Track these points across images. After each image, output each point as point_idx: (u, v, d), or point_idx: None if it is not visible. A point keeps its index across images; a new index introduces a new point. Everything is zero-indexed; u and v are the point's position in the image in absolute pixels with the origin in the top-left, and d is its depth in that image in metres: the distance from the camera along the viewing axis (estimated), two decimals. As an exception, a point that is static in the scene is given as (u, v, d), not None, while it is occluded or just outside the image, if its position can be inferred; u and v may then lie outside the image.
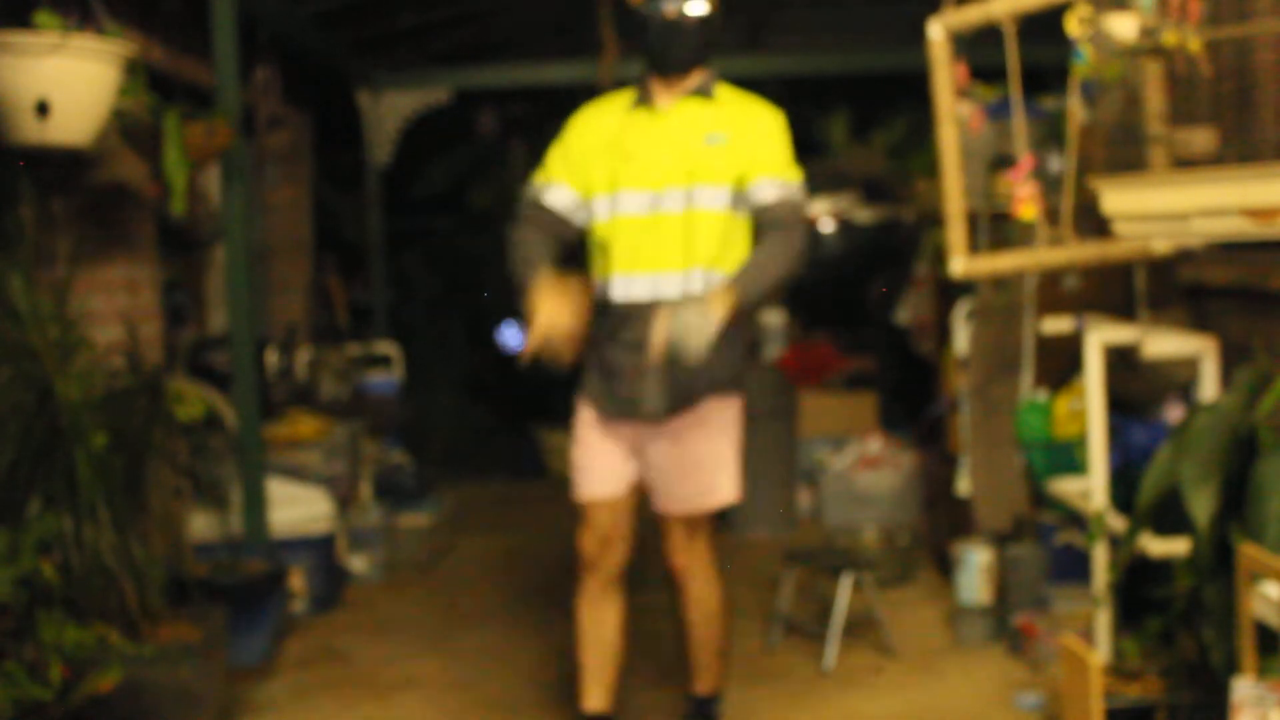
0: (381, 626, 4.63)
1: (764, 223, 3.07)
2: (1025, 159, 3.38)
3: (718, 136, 3.09)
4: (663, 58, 3.08)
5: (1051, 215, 3.43)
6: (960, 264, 3.51)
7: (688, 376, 3.05)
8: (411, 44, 6.68)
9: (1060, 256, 3.43)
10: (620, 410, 3.15)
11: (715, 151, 3.07)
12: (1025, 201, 3.35)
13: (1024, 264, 3.55)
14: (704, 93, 3.13)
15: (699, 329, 2.82)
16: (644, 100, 3.16)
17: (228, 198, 4.45)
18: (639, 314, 3.07)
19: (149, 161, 3.88)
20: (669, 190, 3.08)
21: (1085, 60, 3.18)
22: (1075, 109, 3.43)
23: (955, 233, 3.51)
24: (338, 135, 7.34)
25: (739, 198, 3.09)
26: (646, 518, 3.30)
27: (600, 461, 3.21)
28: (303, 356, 5.89)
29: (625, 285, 3.11)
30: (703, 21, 3.07)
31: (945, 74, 3.47)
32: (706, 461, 3.18)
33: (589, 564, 3.24)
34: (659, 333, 2.86)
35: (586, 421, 3.24)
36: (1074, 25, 3.15)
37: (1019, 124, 3.43)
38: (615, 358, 3.13)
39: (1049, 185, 3.76)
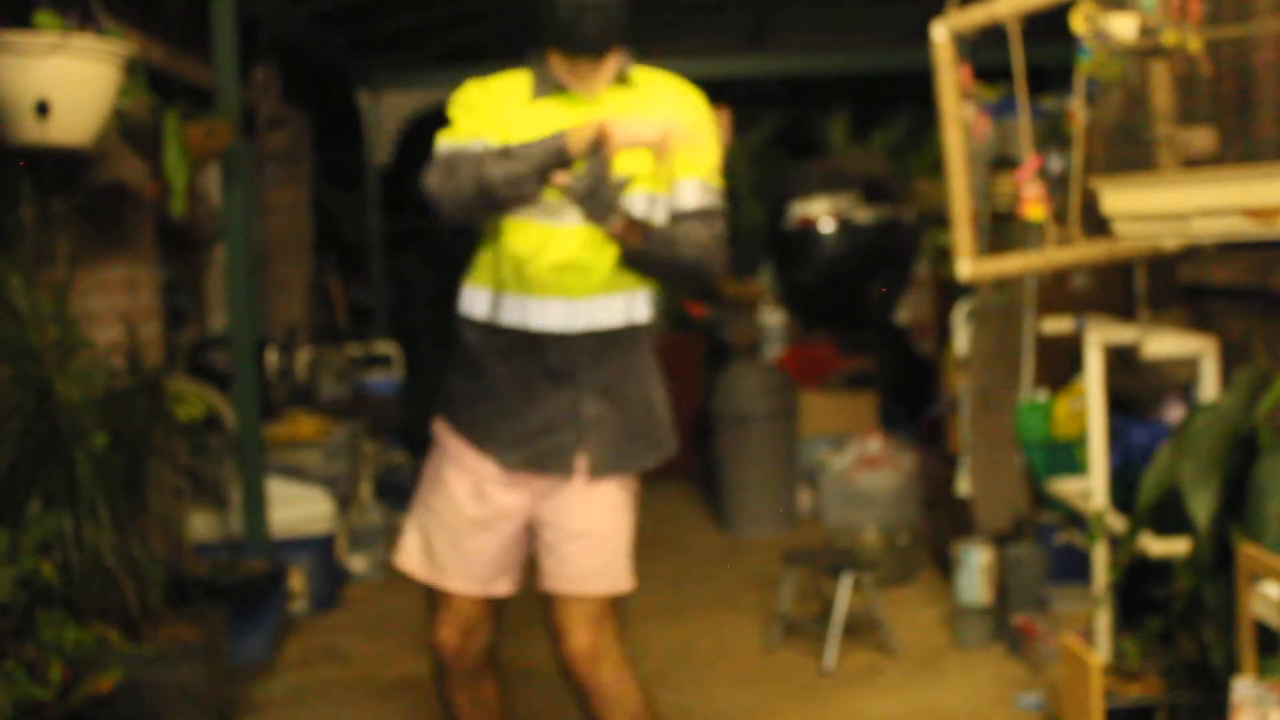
0: (381, 626, 4.63)
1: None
2: (1031, 159, 3.38)
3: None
4: (573, 34, 2.45)
5: (1055, 215, 3.42)
6: (967, 267, 3.49)
7: (634, 425, 2.58)
8: (411, 44, 6.68)
9: (1068, 256, 3.42)
10: (538, 463, 2.56)
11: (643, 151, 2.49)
12: (1032, 202, 3.34)
13: (1032, 265, 3.53)
14: (624, 78, 2.55)
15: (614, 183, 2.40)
16: (552, 88, 2.53)
17: (228, 198, 4.45)
18: (563, 345, 2.53)
19: (149, 161, 3.88)
20: None
21: (1091, 55, 3.17)
22: (1080, 107, 3.42)
23: (962, 235, 3.49)
24: (338, 135, 7.34)
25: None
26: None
27: (484, 543, 2.59)
28: (303, 356, 5.89)
29: (551, 311, 2.52)
30: None
31: (949, 76, 3.47)
32: (616, 532, 2.61)
33: (451, 658, 2.63)
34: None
35: (458, 476, 2.61)
36: (1079, 22, 3.14)
37: (1024, 124, 3.42)
38: (530, 394, 2.55)
39: (1050, 185, 3.76)
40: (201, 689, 3.27)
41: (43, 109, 3.12)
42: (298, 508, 4.71)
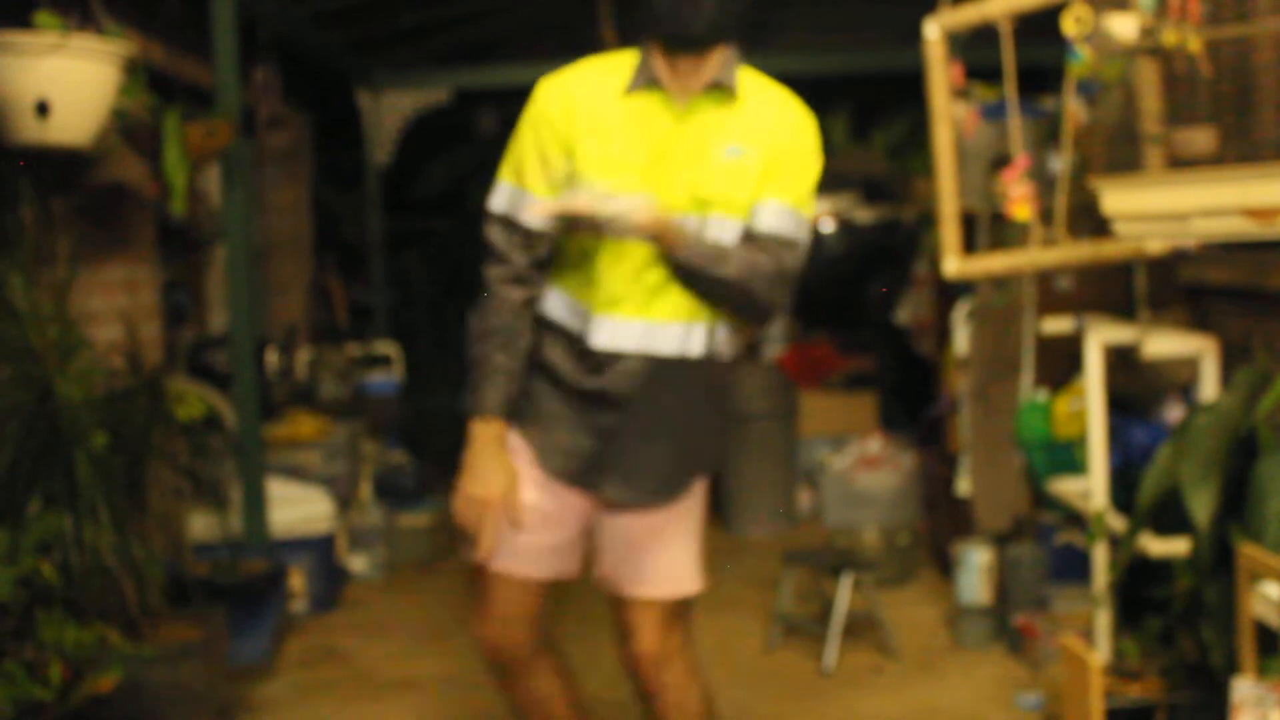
0: (381, 626, 4.63)
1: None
2: (1019, 159, 3.39)
3: (737, 149, 2.34)
4: (669, 25, 2.25)
5: (1048, 215, 3.43)
6: (953, 264, 3.51)
7: (680, 452, 2.44)
8: (411, 44, 6.68)
9: (1054, 257, 3.44)
10: (571, 476, 2.43)
11: (732, 169, 2.33)
12: (1019, 201, 3.35)
13: (1018, 264, 3.55)
14: (725, 85, 2.33)
15: (628, 212, 2.21)
16: (646, 82, 2.33)
17: (228, 198, 4.45)
18: (624, 366, 2.38)
19: (149, 161, 3.88)
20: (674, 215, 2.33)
21: (1081, 60, 3.18)
22: (1071, 109, 3.43)
23: (949, 233, 3.52)
24: (338, 135, 7.34)
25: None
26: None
27: (540, 528, 2.44)
28: (303, 356, 5.89)
29: (612, 329, 2.37)
30: None
31: (941, 74, 3.47)
32: (681, 534, 2.50)
33: (493, 652, 2.50)
34: (583, 202, 2.22)
35: (522, 463, 2.44)
36: (1069, 25, 3.15)
37: (1014, 124, 3.43)
38: (576, 409, 2.42)
39: (1049, 185, 3.76)
40: (201, 689, 3.28)
41: (43, 109, 3.12)
42: (298, 508, 4.71)
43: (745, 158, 2.34)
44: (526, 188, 2.38)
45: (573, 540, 2.50)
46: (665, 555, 2.48)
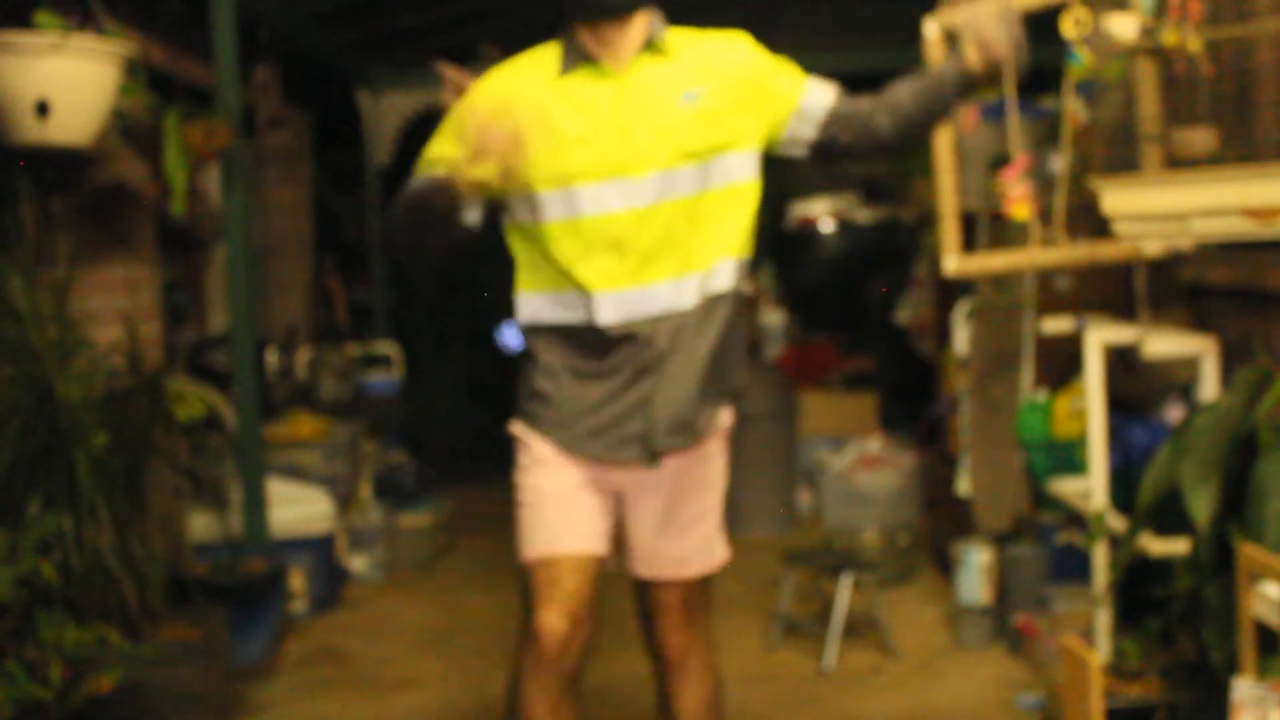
0: (381, 626, 4.63)
1: (861, 116, 2.54)
2: (1019, 159, 3.39)
3: (693, 93, 2.36)
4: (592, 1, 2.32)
5: (1047, 215, 3.43)
6: (953, 262, 3.52)
7: (705, 388, 2.43)
8: (411, 44, 6.68)
9: (1053, 257, 3.44)
10: (621, 450, 2.42)
11: (699, 114, 2.36)
12: (1018, 201, 3.35)
13: (1016, 264, 3.55)
14: (656, 43, 2.39)
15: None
16: (578, 61, 2.38)
17: (228, 198, 4.45)
18: (630, 336, 2.39)
19: (149, 161, 3.88)
20: (654, 175, 2.34)
21: (1080, 62, 3.18)
22: (1071, 110, 3.43)
23: (948, 231, 3.52)
24: (338, 135, 7.35)
25: (766, 151, 2.46)
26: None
27: (575, 506, 2.43)
28: (303, 356, 5.89)
29: (610, 304, 2.37)
30: None
31: (941, 73, 3.47)
32: (708, 509, 2.55)
33: (551, 651, 2.35)
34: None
35: (546, 457, 2.44)
36: (1068, 27, 3.15)
37: (1013, 124, 3.43)
38: (607, 388, 2.41)
39: (1049, 185, 3.76)
40: (201, 689, 3.27)
41: (43, 109, 3.12)
42: (298, 508, 4.71)
43: (705, 98, 2.37)
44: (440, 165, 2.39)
45: (603, 513, 2.47)
46: (690, 535, 2.52)
